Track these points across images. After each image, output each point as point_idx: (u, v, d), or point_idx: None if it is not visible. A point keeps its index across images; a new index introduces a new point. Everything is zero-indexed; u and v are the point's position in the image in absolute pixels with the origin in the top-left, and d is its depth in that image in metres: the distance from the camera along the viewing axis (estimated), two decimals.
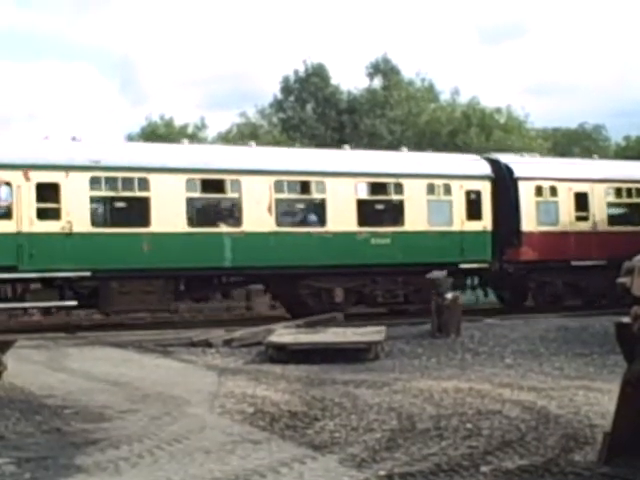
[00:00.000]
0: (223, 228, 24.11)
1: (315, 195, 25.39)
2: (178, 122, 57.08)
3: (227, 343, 19.44)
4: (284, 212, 25.34)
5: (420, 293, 25.00)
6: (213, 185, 24.22)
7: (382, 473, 8.37)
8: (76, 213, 22.31)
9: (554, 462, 8.69)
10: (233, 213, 24.79)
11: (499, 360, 17.25)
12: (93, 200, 22.96)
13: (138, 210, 23.35)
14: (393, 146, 44.43)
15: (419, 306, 24.54)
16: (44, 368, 16.23)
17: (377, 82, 57.36)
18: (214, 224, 24.29)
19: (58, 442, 10.03)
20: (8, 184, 21.88)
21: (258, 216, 24.16)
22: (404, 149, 30.03)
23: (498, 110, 55.53)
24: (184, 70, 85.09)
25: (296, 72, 56.70)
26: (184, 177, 23.57)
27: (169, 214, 23.22)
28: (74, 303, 22.62)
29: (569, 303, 27.92)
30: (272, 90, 58.69)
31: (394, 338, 19.25)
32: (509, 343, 19.09)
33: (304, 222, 25.57)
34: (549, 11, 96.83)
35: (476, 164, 27.88)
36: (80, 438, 10.17)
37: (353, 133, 54.15)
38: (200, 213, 24.65)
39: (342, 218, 25.10)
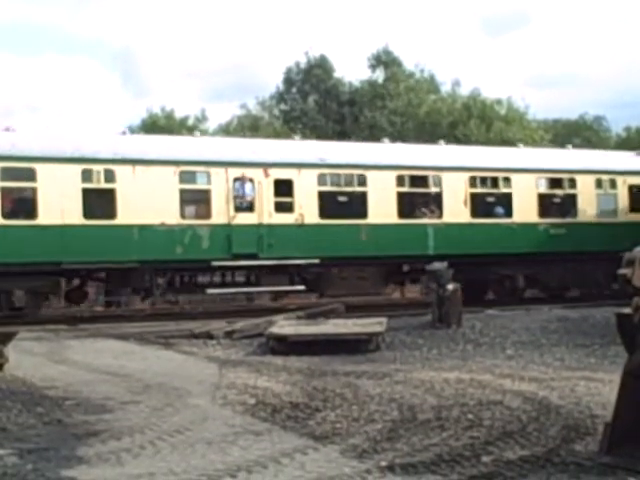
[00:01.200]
0: (426, 219, 26.65)
1: (503, 189, 27.70)
2: (179, 114, 57.06)
3: (228, 335, 19.47)
4: (477, 204, 27.43)
5: (584, 279, 27.76)
6: (418, 180, 26.83)
7: (383, 464, 8.38)
8: (307, 206, 25.05)
9: (555, 452, 8.70)
10: (435, 206, 26.95)
11: (500, 351, 17.27)
12: (320, 194, 25.41)
13: (357, 203, 25.92)
14: (394, 138, 44.42)
15: (583, 291, 27.75)
16: (45, 360, 16.25)
17: (378, 73, 57.30)
18: (419, 216, 26.79)
19: (60, 433, 10.05)
20: (251, 180, 24.54)
21: (456, 208, 26.78)
22: (569, 146, 32.93)
23: (499, 101, 55.45)
24: (185, 62, 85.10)
25: (298, 64, 56.65)
26: (395, 173, 26.25)
27: (383, 207, 25.96)
28: (302, 287, 25.49)
29: None
30: (274, 82, 58.87)
31: (395, 329, 19.27)
32: (510, 334, 19.10)
33: (493, 214, 27.73)
34: (552, 1, 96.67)
35: (638, 160, 30.59)
36: (82, 429, 10.19)
37: (354, 125, 54.11)
38: (407, 206, 26.76)
39: (525, 210, 27.71)
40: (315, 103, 56.28)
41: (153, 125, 53.28)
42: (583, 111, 68.18)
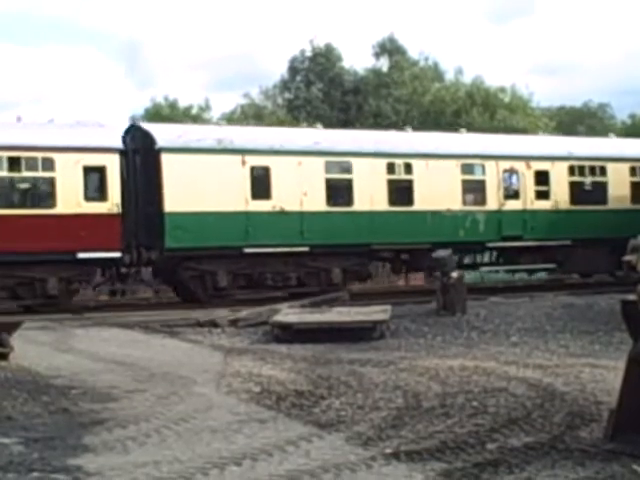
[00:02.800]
0: None
1: None
2: (182, 103, 56.99)
3: (233, 323, 19.48)
4: None
5: None
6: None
7: (388, 451, 8.39)
8: (560, 194, 28.24)
9: (560, 439, 8.71)
10: None
11: (505, 338, 17.26)
12: (570, 184, 28.55)
13: (599, 191, 28.89)
14: (398, 126, 44.34)
15: None
16: (51, 349, 16.27)
17: (383, 62, 57.19)
18: None
19: (65, 422, 10.07)
20: (517, 172, 27.85)
21: None
22: None
23: (502, 89, 55.32)
24: (190, 52, 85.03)
25: (303, 52, 56.56)
26: (629, 165, 29.42)
27: (620, 194, 28.91)
28: (553, 266, 28.40)
29: None
30: (278, 72, 58.63)
31: (399, 317, 19.25)
32: (514, 321, 19.09)
33: None
34: None
35: None
36: (87, 418, 10.22)
37: (358, 113, 54.02)
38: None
39: None
40: (319, 92, 56.19)
41: (156, 115, 53.23)
42: (587, 98, 68.07)
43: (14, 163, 22.49)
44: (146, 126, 26.17)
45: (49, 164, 22.73)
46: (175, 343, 17.45)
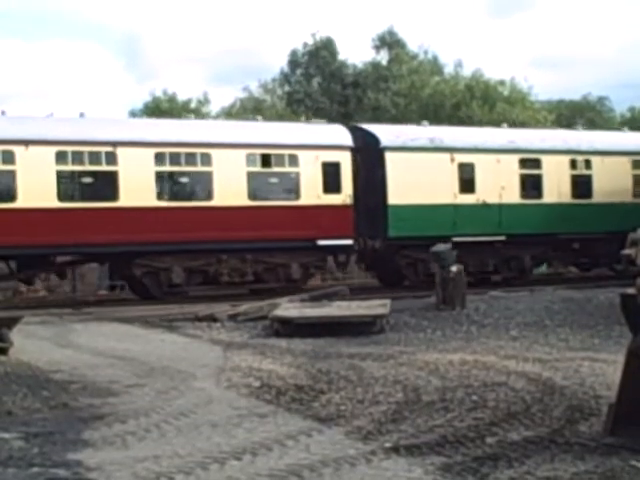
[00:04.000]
0: None
1: None
2: (182, 97, 56.88)
3: (232, 317, 19.48)
4: None
5: None
6: None
7: (388, 445, 8.40)
8: None
9: (559, 433, 8.73)
10: None
11: (504, 332, 17.26)
12: None
13: None
14: (397, 119, 44.34)
15: None
16: (50, 344, 16.27)
17: (382, 55, 57.14)
18: None
19: (65, 417, 10.08)
20: None
21: None
22: None
23: (502, 82, 55.27)
24: (190, 46, 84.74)
25: (305, 45, 56.49)
26: None
27: None
28: None
29: None
30: (278, 65, 58.54)
31: (399, 311, 19.26)
32: (514, 315, 19.09)
33: None
34: None
35: None
36: (87, 413, 10.23)
37: (357, 107, 53.98)
38: None
39: None
40: (319, 85, 56.14)
41: (156, 109, 53.15)
42: (586, 92, 67.96)
43: (266, 160, 24.88)
44: (369, 127, 28.33)
45: (294, 160, 25.11)
46: (174, 338, 17.46)
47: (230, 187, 24.27)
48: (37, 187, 22.23)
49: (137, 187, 23.27)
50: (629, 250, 20.37)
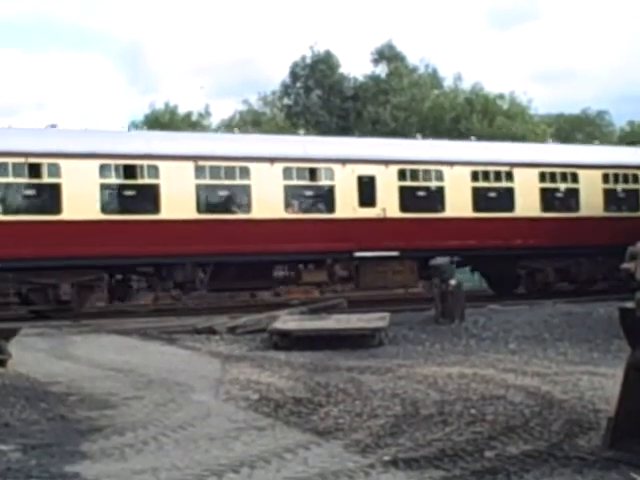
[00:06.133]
0: None
1: None
2: (183, 110, 56.92)
3: (231, 330, 19.46)
4: None
5: None
6: None
7: (386, 459, 8.39)
8: None
9: (558, 447, 8.71)
10: None
11: (503, 345, 17.25)
12: None
13: None
14: (396, 133, 44.41)
15: None
16: (48, 356, 16.25)
17: (382, 68, 57.26)
18: None
19: (63, 429, 10.06)
20: None
21: None
22: None
23: (501, 96, 55.40)
24: (192, 58, 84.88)
25: (304, 58, 56.63)
26: None
27: None
28: None
29: None
30: (278, 78, 58.63)
31: (398, 324, 19.25)
32: (513, 328, 19.09)
33: None
34: None
35: None
36: (85, 425, 10.21)
37: (357, 120, 54.06)
38: None
39: None
40: (318, 98, 56.24)
41: (156, 121, 53.21)
42: (586, 106, 68.13)
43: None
44: None
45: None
46: (173, 350, 17.44)
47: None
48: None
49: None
50: (628, 264, 20.42)
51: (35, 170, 22.31)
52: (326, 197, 25.52)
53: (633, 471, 7.70)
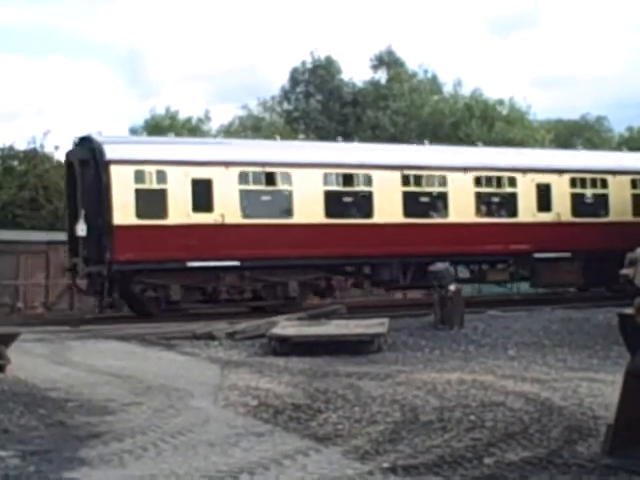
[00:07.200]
0: None
1: None
2: (183, 115, 56.96)
3: (230, 336, 19.42)
4: None
5: None
6: None
7: (385, 465, 8.37)
8: None
9: (557, 454, 8.70)
10: None
11: (502, 352, 17.24)
12: None
13: None
14: (396, 138, 44.45)
15: None
16: (47, 361, 16.24)
17: (381, 74, 57.34)
18: None
19: (62, 435, 10.05)
20: None
21: None
22: None
23: (500, 102, 55.49)
24: (192, 64, 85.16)
25: (304, 63, 56.67)
26: None
27: None
28: None
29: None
30: (278, 83, 58.70)
31: (397, 330, 19.23)
32: (512, 335, 19.06)
33: None
34: (558, 1, 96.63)
35: None
36: (84, 431, 10.19)
37: (356, 126, 54.11)
38: None
39: None
40: (318, 103, 56.29)
41: (156, 127, 53.25)
42: (585, 111, 68.26)
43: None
44: None
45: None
46: (172, 356, 17.42)
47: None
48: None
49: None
50: (627, 270, 20.40)
51: (270, 178, 24.60)
52: (510, 203, 27.72)
53: (632, 478, 7.69)
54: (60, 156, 40.99)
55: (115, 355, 17.15)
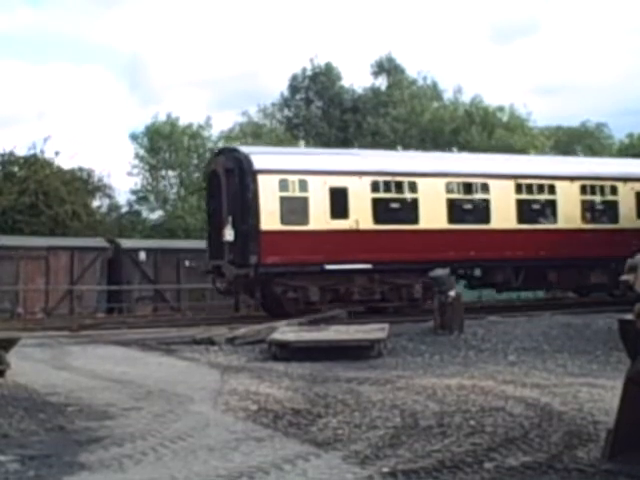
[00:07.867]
0: None
1: None
2: (184, 122, 56.93)
3: (230, 341, 19.43)
4: None
5: None
6: None
7: (385, 470, 8.37)
8: None
9: (557, 459, 8.69)
10: None
11: (502, 357, 17.23)
12: None
13: None
14: (396, 145, 44.44)
15: None
16: (47, 366, 16.24)
17: (381, 81, 57.39)
18: None
19: (62, 440, 10.04)
20: None
21: None
22: None
23: (501, 108, 55.52)
24: (193, 71, 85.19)
25: (304, 70, 56.71)
26: None
27: None
28: None
29: None
30: (279, 90, 58.68)
31: (397, 335, 19.24)
32: (512, 340, 19.07)
33: None
34: (560, 8, 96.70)
35: None
36: (83, 436, 10.18)
37: (356, 132, 54.16)
38: None
39: None
40: (318, 110, 56.34)
41: (156, 132, 53.26)
42: (585, 118, 68.27)
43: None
44: None
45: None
46: (172, 361, 17.42)
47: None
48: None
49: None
50: (627, 276, 20.41)
51: (399, 187, 25.73)
52: (611, 210, 28.96)
53: None
54: (60, 162, 41.17)
55: (115, 360, 17.15)
